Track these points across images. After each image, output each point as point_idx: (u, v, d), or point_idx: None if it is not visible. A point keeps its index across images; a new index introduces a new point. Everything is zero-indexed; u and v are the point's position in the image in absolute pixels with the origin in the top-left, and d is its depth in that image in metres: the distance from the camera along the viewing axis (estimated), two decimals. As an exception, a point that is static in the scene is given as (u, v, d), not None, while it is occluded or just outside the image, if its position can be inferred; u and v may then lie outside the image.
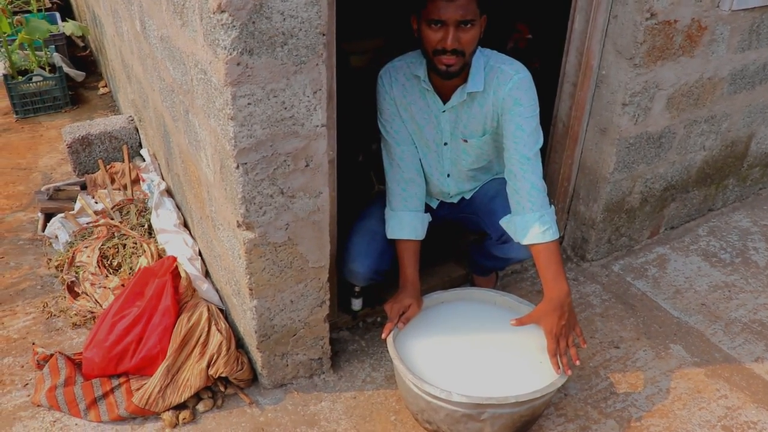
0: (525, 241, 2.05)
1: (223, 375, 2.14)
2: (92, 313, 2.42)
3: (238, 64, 1.55)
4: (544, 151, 2.71)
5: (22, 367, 2.32)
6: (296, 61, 1.62)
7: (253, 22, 1.52)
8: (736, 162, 3.25)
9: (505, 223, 2.14)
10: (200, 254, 2.56)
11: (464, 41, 1.88)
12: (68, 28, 4.38)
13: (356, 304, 2.39)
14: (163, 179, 2.98)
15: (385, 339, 2.03)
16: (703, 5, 2.47)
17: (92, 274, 2.51)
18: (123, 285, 2.45)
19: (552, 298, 1.99)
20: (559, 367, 1.94)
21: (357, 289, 2.34)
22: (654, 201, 2.96)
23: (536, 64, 3.96)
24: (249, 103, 1.62)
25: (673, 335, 2.55)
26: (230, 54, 1.53)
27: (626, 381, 2.32)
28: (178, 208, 2.80)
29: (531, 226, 2.02)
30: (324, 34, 1.63)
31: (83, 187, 3.24)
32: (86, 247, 2.66)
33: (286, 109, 1.67)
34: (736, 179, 3.34)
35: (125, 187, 3.11)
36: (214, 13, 1.51)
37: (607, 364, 2.39)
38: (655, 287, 2.81)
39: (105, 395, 2.13)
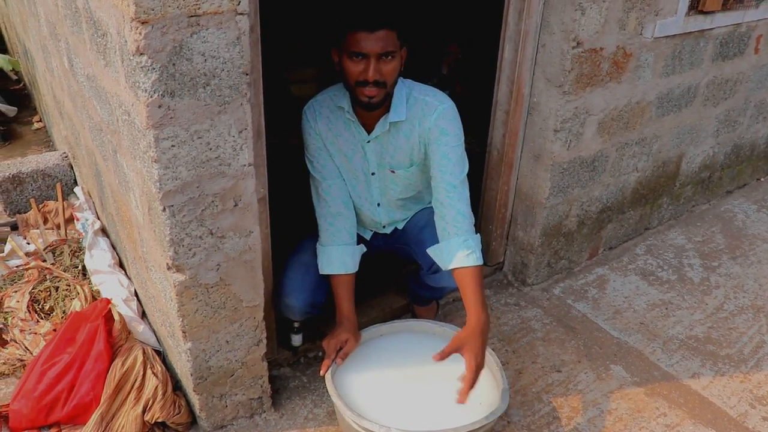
0: (450, 266, 2.05)
1: (160, 420, 2.08)
2: (22, 361, 2.33)
3: (160, 107, 1.53)
4: (480, 179, 2.75)
5: (-52, 421, 2.22)
6: (220, 102, 1.60)
7: (174, 64, 1.50)
8: (669, 181, 3.34)
9: (432, 251, 2.14)
10: (136, 295, 2.50)
11: (385, 72, 1.90)
12: (-3, 62, 4.28)
13: (296, 339, 2.36)
14: (97, 218, 2.91)
15: (324, 375, 2.01)
16: (627, 33, 2.55)
17: (22, 319, 2.43)
18: (55, 330, 2.37)
19: (478, 323, 1.95)
20: (465, 399, 1.87)
21: (296, 324, 2.31)
22: (591, 223, 3.02)
23: (458, 89, 4.05)
24: (173, 145, 1.59)
25: (614, 356, 2.58)
26: (151, 96, 1.51)
27: (568, 405, 2.34)
28: (113, 247, 2.74)
29: (455, 250, 2.04)
30: (247, 74, 1.62)
31: (14, 227, 3.14)
32: (15, 291, 2.57)
33: (211, 149, 1.65)
34: (669, 198, 3.43)
35: (59, 227, 3.03)
36: (133, 55, 1.48)
37: (550, 389, 2.40)
38: (595, 308, 2.85)
39: (35, 448, 2.05)
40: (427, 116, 2.05)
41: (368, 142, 2.12)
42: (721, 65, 3.13)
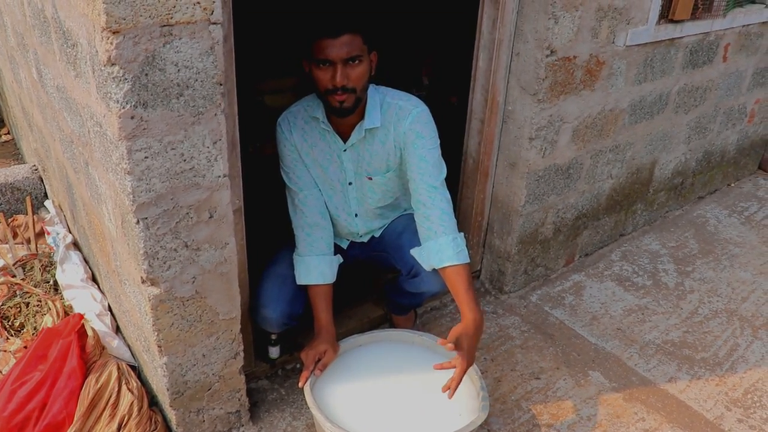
0: (440, 265, 2.04)
1: (136, 437, 2.04)
2: (-9, 379, 2.27)
3: (132, 118, 1.50)
4: (457, 187, 2.76)
5: None
6: (194, 112, 1.58)
7: (146, 75, 1.48)
8: (642, 188, 3.37)
9: (417, 252, 2.14)
10: (110, 309, 2.45)
11: (353, 77, 1.90)
12: (-37, 74, 4.19)
13: (273, 352, 2.33)
14: (69, 232, 2.86)
15: (303, 387, 1.99)
16: (600, 41, 2.57)
17: (-9, 337, 2.37)
18: (26, 347, 2.31)
19: (474, 319, 1.96)
20: (452, 396, 1.92)
21: (273, 336, 2.29)
22: (567, 230, 3.04)
23: (453, 99, 4.06)
24: (146, 157, 1.56)
25: (592, 362, 2.59)
26: (123, 107, 1.48)
27: (548, 412, 2.34)
28: (86, 261, 2.69)
29: (445, 248, 2.03)
30: (221, 84, 1.60)
31: (-17, 242, 3.07)
32: (-16, 308, 2.51)
33: (185, 161, 1.62)
34: (643, 204, 3.46)
35: (29, 241, 2.97)
36: (104, 65, 1.46)
37: (529, 396, 2.40)
38: (573, 315, 2.86)
39: (6, 469, 2.00)
40: (402, 120, 2.05)
41: (344, 150, 2.12)
42: (691, 73, 3.18)
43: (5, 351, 2.33)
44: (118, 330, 2.39)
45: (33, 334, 2.41)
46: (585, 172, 2.92)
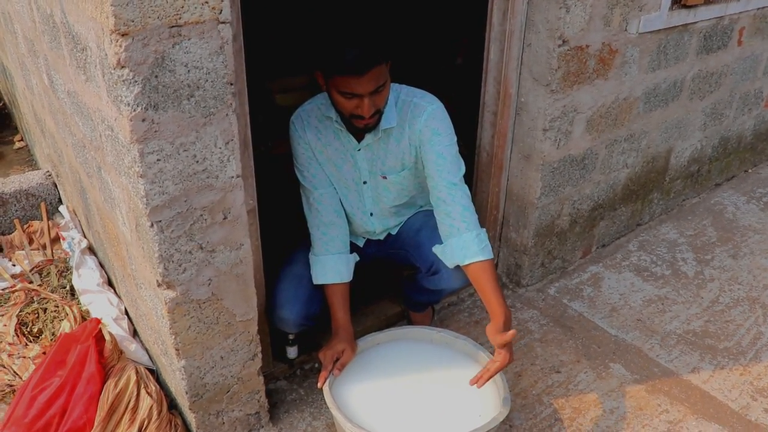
0: (464, 262, 2.02)
1: (156, 440, 2.04)
2: (11, 386, 2.27)
3: (143, 120, 1.49)
4: (471, 181, 2.73)
5: (-63, 451, 2.16)
6: (205, 113, 1.57)
7: (156, 76, 1.46)
8: (659, 176, 3.33)
9: (439, 249, 2.12)
10: (127, 313, 2.45)
11: (379, 101, 1.89)
12: (-25, 82, 4.22)
13: (291, 352, 2.32)
14: (84, 236, 2.86)
15: (322, 387, 1.98)
16: (612, 29, 2.54)
17: (9, 344, 2.37)
18: (44, 353, 2.32)
19: (505, 314, 1.94)
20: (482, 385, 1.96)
21: (291, 336, 2.27)
22: (583, 221, 3.00)
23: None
24: (158, 159, 1.55)
25: (612, 354, 2.56)
26: (134, 110, 1.47)
27: (570, 405, 2.31)
28: (101, 266, 2.69)
29: (469, 245, 2.00)
30: (232, 84, 1.58)
31: (-1, 249, 3.08)
32: (2, 314, 2.51)
33: (198, 162, 1.61)
34: (660, 193, 3.42)
35: (44, 247, 2.97)
36: (114, 68, 1.45)
37: (550, 390, 2.38)
38: (592, 307, 2.83)
39: (28, 475, 2.00)
40: (417, 118, 2.02)
41: (359, 150, 2.10)
42: (705, 58, 3.13)
43: (24, 357, 2.34)
44: (135, 334, 2.39)
45: (51, 339, 2.42)
46: (600, 163, 2.89)
